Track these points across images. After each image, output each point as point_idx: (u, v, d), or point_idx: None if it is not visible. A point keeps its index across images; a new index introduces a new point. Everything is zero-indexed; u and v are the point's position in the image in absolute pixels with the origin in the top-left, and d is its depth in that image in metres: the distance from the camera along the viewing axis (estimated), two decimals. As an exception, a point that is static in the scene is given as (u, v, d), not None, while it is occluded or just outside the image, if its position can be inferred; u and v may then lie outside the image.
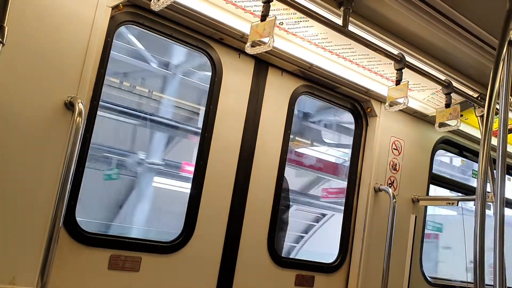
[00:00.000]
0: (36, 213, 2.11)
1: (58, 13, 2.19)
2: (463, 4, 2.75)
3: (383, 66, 3.19)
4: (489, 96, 1.61)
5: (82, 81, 2.25)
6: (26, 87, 2.10)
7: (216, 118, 2.90)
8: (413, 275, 3.78)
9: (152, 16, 2.65)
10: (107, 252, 2.47)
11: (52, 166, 2.14)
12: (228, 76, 2.97)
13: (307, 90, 3.39)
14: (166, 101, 5.74)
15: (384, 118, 3.68)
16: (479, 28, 2.96)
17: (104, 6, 2.34)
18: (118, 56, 4.89)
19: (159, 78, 5.62)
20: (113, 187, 5.52)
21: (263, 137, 3.12)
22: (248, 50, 2.48)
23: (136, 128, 5.54)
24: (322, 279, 3.37)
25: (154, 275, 2.62)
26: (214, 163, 2.88)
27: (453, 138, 4.29)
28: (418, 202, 3.87)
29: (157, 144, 5.70)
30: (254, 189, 3.06)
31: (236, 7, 2.62)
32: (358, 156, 3.66)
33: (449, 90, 3.29)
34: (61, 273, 2.29)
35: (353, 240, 3.56)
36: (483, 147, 1.62)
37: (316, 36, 2.86)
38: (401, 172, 3.79)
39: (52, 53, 2.17)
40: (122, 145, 5.54)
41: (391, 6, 2.72)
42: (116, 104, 5.08)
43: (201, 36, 2.86)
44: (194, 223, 2.79)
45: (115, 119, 5.13)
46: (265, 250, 3.11)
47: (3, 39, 1.46)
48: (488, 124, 1.61)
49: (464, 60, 3.31)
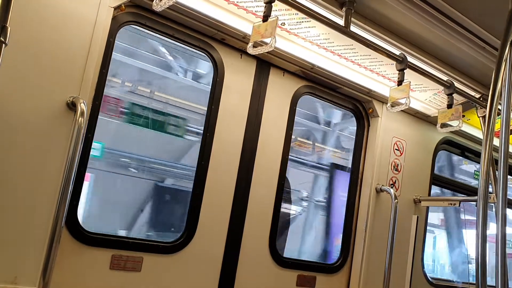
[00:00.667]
0: (38, 213, 2.11)
1: (60, 13, 2.20)
2: (465, 4, 2.75)
3: (385, 66, 3.19)
4: (491, 96, 1.61)
5: (84, 81, 2.26)
6: (28, 87, 2.11)
7: (218, 119, 2.91)
8: (415, 276, 3.78)
9: (154, 16, 2.66)
10: (108, 252, 2.48)
11: (54, 166, 2.15)
12: (230, 76, 2.97)
13: (308, 91, 3.39)
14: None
15: (386, 119, 3.68)
16: (481, 28, 2.95)
17: (106, 7, 2.35)
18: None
19: (319, 132, 5.51)
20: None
21: (265, 137, 3.13)
22: (250, 51, 2.48)
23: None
24: (323, 279, 3.37)
25: (155, 275, 2.62)
26: (215, 163, 2.88)
27: (455, 139, 4.29)
28: (420, 202, 3.87)
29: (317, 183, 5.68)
30: (255, 189, 3.06)
31: (238, 7, 2.62)
32: (360, 157, 3.66)
33: (451, 90, 3.29)
34: (62, 273, 2.29)
35: (354, 240, 3.56)
36: (485, 147, 1.62)
37: (318, 36, 2.86)
38: (403, 173, 3.79)
39: (54, 54, 2.18)
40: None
41: (393, 7, 2.72)
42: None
43: (203, 37, 2.86)
44: (195, 223, 2.79)
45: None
46: (267, 250, 3.11)
47: (5, 39, 1.47)
48: (490, 125, 1.60)
49: (466, 61, 3.30)
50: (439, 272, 6.62)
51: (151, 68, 4.20)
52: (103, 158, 3.83)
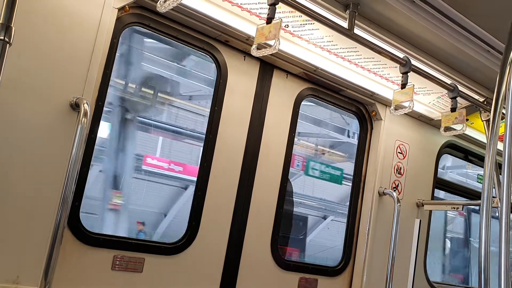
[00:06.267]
0: (41, 213, 2.12)
1: (64, 14, 2.20)
2: (469, 7, 2.74)
3: (389, 69, 3.18)
4: (495, 100, 1.60)
5: (88, 82, 2.26)
6: (31, 88, 2.11)
7: (221, 120, 2.91)
8: (417, 280, 3.76)
9: (158, 18, 2.66)
10: (110, 252, 2.48)
11: (57, 166, 2.15)
12: (233, 78, 2.97)
13: (312, 93, 3.39)
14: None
15: (389, 122, 3.67)
16: (485, 31, 2.94)
17: (111, 8, 2.35)
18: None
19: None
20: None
21: (268, 139, 3.12)
22: (253, 53, 2.48)
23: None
24: (325, 282, 3.36)
25: (157, 276, 2.62)
26: (218, 165, 2.88)
27: (459, 143, 4.27)
28: (423, 206, 3.86)
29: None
30: (258, 191, 3.05)
31: (242, 9, 2.62)
32: (362, 160, 3.65)
33: (455, 94, 3.28)
34: (64, 273, 2.29)
35: (357, 243, 3.55)
36: (488, 151, 1.61)
37: (322, 39, 2.86)
38: (405, 176, 3.77)
39: (58, 54, 2.18)
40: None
41: (397, 9, 2.71)
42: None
43: (207, 38, 2.86)
44: (197, 225, 2.78)
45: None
46: (269, 253, 3.10)
47: (10, 39, 1.47)
48: (494, 129, 1.60)
49: (470, 64, 3.29)
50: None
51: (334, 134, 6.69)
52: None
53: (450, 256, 9.32)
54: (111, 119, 7.39)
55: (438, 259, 8.71)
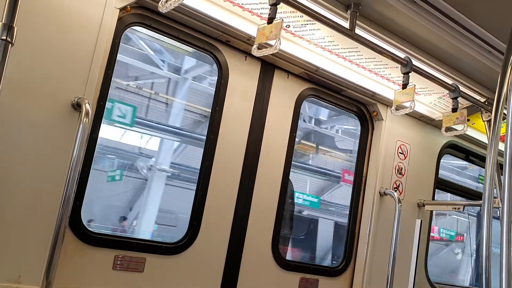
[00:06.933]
0: (42, 213, 2.12)
1: (66, 14, 2.21)
2: (470, 8, 2.74)
3: (390, 69, 3.18)
4: (496, 100, 1.60)
5: (89, 82, 2.27)
6: (33, 87, 2.11)
7: (222, 120, 2.91)
8: (418, 280, 3.76)
9: (160, 18, 2.67)
10: (111, 252, 2.48)
11: (58, 166, 2.15)
12: (234, 78, 2.97)
13: (313, 93, 3.39)
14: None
15: (390, 122, 3.67)
16: (486, 32, 2.94)
17: (112, 8, 2.36)
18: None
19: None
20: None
21: (269, 139, 3.12)
22: (254, 53, 2.48)
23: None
24: (326, 282, 3.36)
25: (158, 276, 2.62)
26: (219, 165, 2.88)
27: (460, 143, 4.27)
28: (424, 206, 3.86)
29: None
30: (259, 191, 3.05)
31: (243, 9, 2.62)
32: (363, 160, 3.65)
33: (456, 94, 3.28)
34: (66, 273, 2.30)
35: (357, 243, 3.55)
36: (490, 152, 1.61)
37: (323, 39, 2.86)
38: (406, 176, 3.77)
39: (59, 54, 2.19)
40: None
41: (398, 10, 2.71)
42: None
43: (208, 38, 2.87)
44: (198, 225, 2.79)
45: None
46: (270, 253, 3.10)
47: (12, 39, 1.47)
48: (495, 129, 1.60)
49: (471, 64, 3.29)
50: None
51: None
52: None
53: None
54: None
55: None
